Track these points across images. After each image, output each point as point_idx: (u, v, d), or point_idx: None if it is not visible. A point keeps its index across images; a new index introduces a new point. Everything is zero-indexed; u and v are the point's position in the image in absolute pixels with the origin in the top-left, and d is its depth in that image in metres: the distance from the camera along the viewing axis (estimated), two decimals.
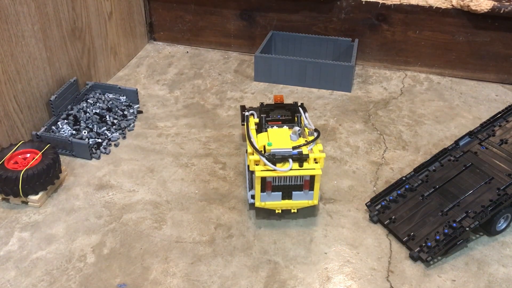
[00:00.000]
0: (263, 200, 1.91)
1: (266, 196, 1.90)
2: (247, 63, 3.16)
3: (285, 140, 1.91)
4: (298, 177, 1.87)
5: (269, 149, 1.86)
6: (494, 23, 2.77)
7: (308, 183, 1.88)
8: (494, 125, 2.18)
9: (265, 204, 1.92)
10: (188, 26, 3.30)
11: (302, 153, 1.85)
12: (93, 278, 1.75)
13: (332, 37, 3.03)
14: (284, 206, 1.94)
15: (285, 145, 1.87)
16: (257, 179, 1.84)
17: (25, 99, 2.29)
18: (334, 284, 1.74)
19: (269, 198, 1.91)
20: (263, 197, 1.90)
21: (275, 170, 1.82)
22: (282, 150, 1.85)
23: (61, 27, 2.47)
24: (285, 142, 1.90)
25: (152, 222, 1.98)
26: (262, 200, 1.91)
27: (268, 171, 1.83)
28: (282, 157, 1.84)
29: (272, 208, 1.94)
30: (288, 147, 1.86)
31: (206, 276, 1.76)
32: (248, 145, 1.92)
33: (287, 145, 1.88)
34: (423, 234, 1.86)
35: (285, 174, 1.83)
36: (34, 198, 2.03)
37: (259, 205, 1.92)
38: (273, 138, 1.92)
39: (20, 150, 2.12)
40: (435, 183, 2.01)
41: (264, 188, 1.87)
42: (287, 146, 1.87)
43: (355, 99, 2.78)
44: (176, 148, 2.40)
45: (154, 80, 2.97)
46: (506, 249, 1.87)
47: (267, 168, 1.83)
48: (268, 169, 1.83)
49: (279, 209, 1.95)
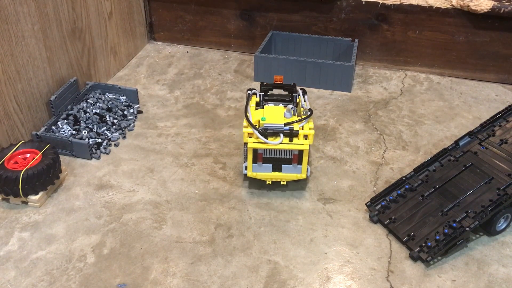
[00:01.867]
0: (255, 170, 2.07)
1: (257, 167, 2.06)
2: (247, 63, 3.16)
3: (279, 116, 2.05)
4: (287, 151, 2.02)
5: (262, 123, 2.00)
6: (494, 23, 2.77)
7: (297, 157, 2.03)
8: (494, 125, 2.18)
9: (256, 175, 2.08)
10: (188, 26, 3.30)
11: (293, 129, 1.99)
12: (93, 278, 1.75)
13: (332, 37, 3.03)
14: (274, 178, 2.09)
15: (278, 121, 2.02)
16: (249, 150, 2.01)
17: (25, 99, 2.29)
18: (334, 284, 1.74)
19: (260, 169, 2.07)
20: (254, 167, 2.06)
21: (266, 143, 1.98)
22: (274, 125, 2.00)
23: (61, 27, 2.47)
24: (279, 118, 2.04)
25: (152, 222, 1.98)
26: (253, 171, 2.07)
27: (259, 143, 1.99)
28: (274, 131, 1.99)
29: (262, 178, 2.09)
30: (280, 123, 2.01)
31: (206, 276, 1.76)
32: (244, 120, 2.04)
33: (280, 121, 2.02)
34: (423, 234, 1.86)
35: (274, 147, 1.98)
36: (34, 198, 2.03)
37: (250, 175, 2.07)
38: (268, 114, 2.06)
39: (20, 150, 2.12)
40: (435, 183, 2.01)
41: (256, 159, 2.03)
42: (280, 122, 2.01)
43: (355, 99, 2.78)
44: (176, 148, 2.40)
45: (154, 80, 2.97)
46: (506, 249, 1.87)
47: (259, 140, 1.98)
48: (260, 142, 1.98)
49: (269, 180, 2.10)
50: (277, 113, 2.07)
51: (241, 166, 2.27)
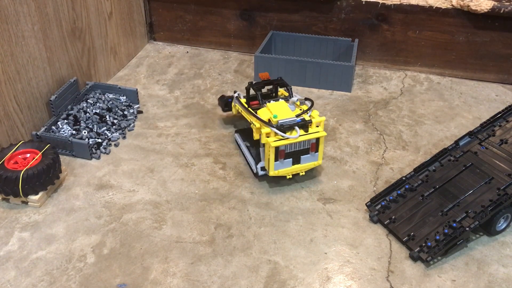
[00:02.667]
0: (277, 168, 2.06)
1: (279, 164, 2.06)
2: (247, 63, 3.16)
3: (286, 111, 2.08)
4: (306, 141, 2.05)
5: (275, 120, 2.01)
6: (494, 23, 2.77)
7: (315, 145, 2.08)
8: (494, 125, 2.18)
9: (278, 172, 2.07)
10: (188, 26, 3.30)
11: (305, 119, 2.04)
12: (93, 278, 1.75)
13: (332, 37, 3.03)
14: (294, 171, 2.11)
15: (288, 115, 2.04)
16: (271, 150, 1.99)
17: (25, 99, 2.29)
18: (334, 284, 1.74)
19: (282, 166, 2.07)
20: (276, 165, 2.06)
21: (288, 138, 1.99)
22: (288, 119, 2.03)
23: (61, 27, 2.47)
24: (287, 112, 2.07)
25: (152, 222, 1.98)
26: (276, 169, 2.06)
27: (281, 141, 1.99)
28: (289, 126, 2.01)
29: (284, 174, 2.10)
30: (292, 116, 2.04)
31: (206, 276, 1.76)
32: (254, 121, 2.07)
33: (290, 114, 2.05)
34: (423, 234, 1.86)
35: (296, 140, 2.00)
36: (34, 198, 2.03)
37: (273, 173, 2.07)
38: (275, 110, 2.07)
39: (20, 150, 2.12)
40: (435, 183, 2.01)
41: (278, 157, 2.03)
42: (291, 115, 2.04)
43: (355, 99, 2.78)
44: (176, 148, 2.40)
45: (154, 80, 2.97)
46: (506, 249, 1.87)
47: (278, 138, 1.99)
48: (280, 139, 1.99)
49: (290, 174, 2.12)
50: (283, 108, 2.10)
51: (241, 166, 2.27)
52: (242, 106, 2.25)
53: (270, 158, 2.02)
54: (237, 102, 2.30)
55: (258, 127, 2.04)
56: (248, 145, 2.28)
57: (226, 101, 2.47)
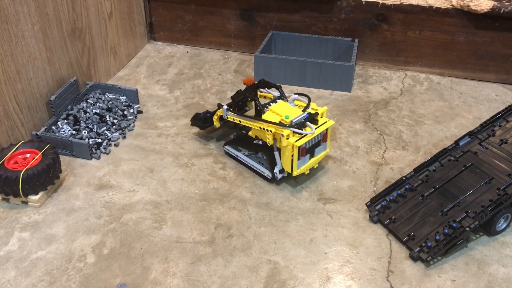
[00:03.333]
0: (299, 167, 2.07)
1: (300, 162, 2.07)
2: (247, 63, 3.16)
3: (291, 109, 2.08)
4: (319, 134, 2.07)
5: (288, 121, 2.01)
6: (494, 23, 2.77)
7: (326, 136, 2.12)
8: (494, 125, 2.18)
9: (300, 171, 2.08)
10: (188, 26, 3.29)
11: (312, 113, 2.06)
12: (93, 278, 1.75)
13: (332, 37, 3.03)
14: (310, 165, 2.13)
15: (297, 113, 2.05)
16: (295, 150, 2.00)
17: (25, 99, 2.29)
18: (334, 284, 1.74)
19: (303, 163, 2.08)
20: (299, 164, 2.06)
21: (306, 135, 2.00)
22: (299, 117, 2.03)
23: (61, 27, 2.47)
24: (294, 110, 2.07)
25: (152, 222, 1.98)
26: (298, 168, 2.07)
27: (301, 139, 2.00)
28: (302, 123, 2.03)
29: (303, 171, 2.11)
30: (300, 114, 2.05)
31: (206, 276, 1.76)
32: (267, 127, 2.03)
33: (298, 112, 2.06)
34: (423, 234, 1.86)
35: (314, 135, 2.02)
36: (34, 198, 2.03)
37: (297, 173, 2.07)
38: (282, 112, 2.06)
39: (20, 150, 2.12)
40: (435, 183, 2.01)
41: (300, 155, 2.03)
42: (299, 112, 2.05)
43: (355, 99, 2.78)
44: (176, 148, 2.40)
45: (154, 80, 2.97)
46: (506, 249, 1.87)
47: (297, 137, 1.99)
48: (300, 137, 2.00)
49: (307, 170, 2.13)
50: (287, 108, 2.09)
51: (241, 166, 2.27)
52: (241, 116, 2.19)
53: (294, 158, 2.02)
54: (231, 113, 2.24)
55: (274, 131, 2.01)
56: (247, 154, 2.26)
57: (205, 117, 2.39)
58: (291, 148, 2.00)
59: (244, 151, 2.28)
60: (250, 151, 2.27)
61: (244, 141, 2.31)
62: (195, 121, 2.43)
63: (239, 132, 2.37)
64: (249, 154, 2.26)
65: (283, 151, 2.05)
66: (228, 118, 2.26)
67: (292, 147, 1.99)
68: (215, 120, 2.37)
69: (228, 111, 2.24)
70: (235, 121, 2.22)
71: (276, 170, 2.11)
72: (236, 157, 2.29)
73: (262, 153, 2.24)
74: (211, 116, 2.39)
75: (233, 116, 2.23)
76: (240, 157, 2.27)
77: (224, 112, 2.26)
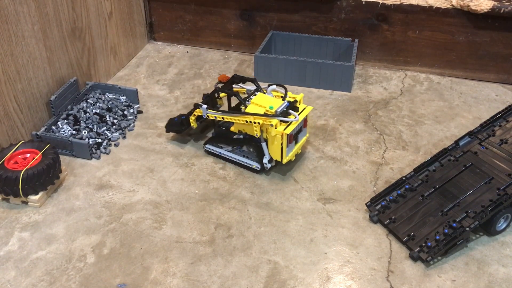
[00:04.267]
0: (288, 153, 2.14)
1: (289, 149, 2.14)
2: (247, 63, 3.16)
3: (271, 100, 2.16)
4: (302, 120, 2.16)
5: (273, 111, 2.08)
6: (494, 23, 2.77)
7: (306, 121, 2.22)
8: (494, 125, 2.18)
9: (289, 157, 2.15)
10: (188, 26, 3.29)
11: (291, 101, 2.16)
12: (93, 278, 1.75)
13: (332, 37, 3.03)
14: (296, 151, 2.20)
15: (278, 103, 2.13)
16: (284, 137, 2.06)
17: (25, 99, 2.29)
18: (334, 284, 1.74)
19: (290, 150, 2.15)
20: (287, 151, 2.13)
21: (292, 122, 2.08)
22: (281, 106, 2.11)
23: (61, 27, 2.47)
24: (275, 101, 2.15)
25: (152, 222, 1.98)
26: (287, 154, 2.14)
27: (289, 127, 2.07)
28: (285, 111, 2.10)
29: (291, 158, 2.18)
30: (281, 103, 2.13)
31: (206, 276, 1.76)
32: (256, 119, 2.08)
33: (279, 101, 2.14)
34: (423, 234, 1.86)
35: (299, 121, 2.10)
36: (34, 198, 2.03)
37: (287, 160, 2.14)
38: (264, 103, 2.13)
39: (20, 150, 2.12)
40: (435, 183, 2.01)
41: (288, 142, 2.10)
42: (280, 102, 2.14)
43: (355, 99, 2.78)
44: (176, 148, 2.40)
45: (154, 80, 2.97)
46: (506, 249, 1.87)
47: (283, 126, 2.06)
48: (286, 126, 2.06)
49: (293, 156, 2.19)
50: (268, 99, 2.17)
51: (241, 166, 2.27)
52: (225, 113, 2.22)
53: (284, 146, 2.09)
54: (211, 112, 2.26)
55: (262, 122, 2.07)
56: (231, 150, 2.28)
57: (181, 120, 2.36)
58: (280, 136, 2.06)
59: (226, 147, 2.29)
60: (233, 146, 2.28)
61: (224, 138, 2.31)
62: (171, 127, 2.40)
63: (218, 129, 2.35)
64: (232, 150, 2.28)
65: (272, 141, 2.10)
66: (209, 117, 2.28)
67: (282, 136, 2.06)
68: (192, 121, 2.36)
69: (208, 109, 2.26)
70: (217, 118, 2.24)
71: (265, 161, 2.15)
72: (220, 154, 2.30)
73: (247, 147, 2.26)
74: (186, 118, 2.37)
75: (215, 114, 2.25)
76: (224, 154, 2.29)
77: (204, 111, 2.27)
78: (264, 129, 2.11)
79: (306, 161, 2.30)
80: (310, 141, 2.43)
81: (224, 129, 2.31)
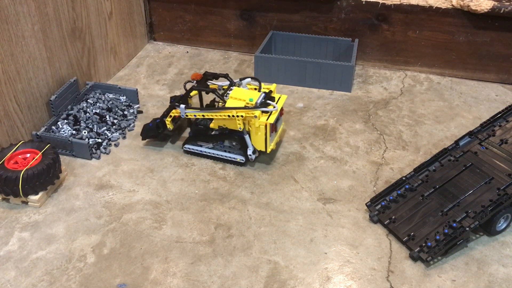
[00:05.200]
0: (271, 142, 2.21)
1: (271, 138, 2.21)
2: (247, 63, 3.16)
3: (248, 93, 2.20)
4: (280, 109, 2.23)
5: (253, 103, 2.13)
6: (494, 23, 2.77)
7: (283, 110, 2.31)
8: (494, 125, 2.18)
9: (271, 146, 2.22)
10: (188, 26, 3.29)
11: (266, 92, 2.23)
12: (93, 278, 1.75)
13: (332, 37, 3.03)
14: (276, 140, 2.28)
15: (256, 94, 2.18)
16: (268, 127, 2.13)
17: (25, 99, 2.29)
18: (334, 284, 1.74)
19: (272, 139, 2.22)
20: (271, 140, 2.20)
21: (273, 111, 2.14)
22: (259, 97, 2.16)
23: (61, 27, 2.47)
24: (252, 93, 2.20)
25: (152, 222, 1.98)
26: (270, 142, 2.20)
27: (271, 116, 2.13)
28: (264, 102, 2.17)
29: (272, 147, 2.24)
30: (259, 94, 2.18)
31: (206, 276, 1.76)
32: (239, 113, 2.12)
33: (256, 93, 2.19)
34: (423, 234, 1.86)
35: (278, 110, 2.16)
36: (34, 198, 2.03)
37: (270, 148, 2.21)
38: (243, 96, 2.17)
39: (20, 150, 2.12)
40: (435, 183, 2.01)
41: (271, 131, 2.16)
42: (257, 94, 2.19)
43: (355, 99, 2.78)
44: (176, 148, 2.40)
45: (154, 80, 2.97)
46: (506, 249, 1.87)
47: (265, 116, 2.12)
48: (267, 116, 2.12)
49: (274, 145, 2.26)
50: (245, 92, 2.21)
51: (241, 166, 2.27)
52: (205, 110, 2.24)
53: (267, 135, 2.15)
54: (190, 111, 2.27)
55: (245, 115, 2.11)
56: (211, 146, 2.29)
57: (156, 124, 2.33)
58: (264, 127, 2.12)
59: (207, 145, 2.30)
60: (214, 142, 2.29)
61: (202, 136, 2.31)
62: (147, 133, 2.37)
63: (196, 128, 2.34)
64: (213, 146, 2.29)
65: (256, 132, 2.16)
66: (188, 116, 2.29)
67: (265, 126, 2.12)
68: (168, 123, 2.34)
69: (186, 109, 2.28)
70: (197, 116, 2.27)
71: (250, 152, 2.20)
72: (201, 152, 2.31)
73: (229, 141, 2.27)
74: (161, 120, 2.35)
75: (195, 112, 2.27)
76: (205, 152, 2.30)
77: (182, 111, 2.28)
78: (246, 121, 2.16)
79: (306, 161, 2.30)
80: (310, 141, 2.43)
81: (202, 127, 2.31)
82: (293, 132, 2.50)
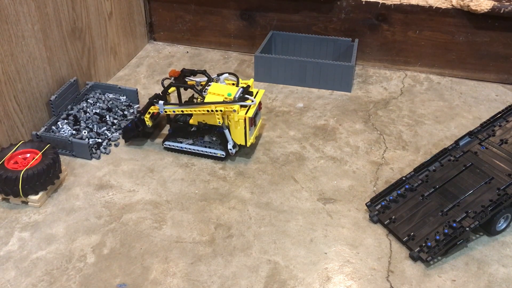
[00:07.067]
0: (251, 135, 2.24)
1: (251, 132, 2.24)
2: (247, 63, 3.16)
3: (227, 88, 2.23)
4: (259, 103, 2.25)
5: (231, 98, 2.15)
6: (494, 23, 2.77)
7: (261, 104, 2.32)
8: (494, 125, 2.18)
9: (251, 140, 2.25)
10: (188, 26, 3.29)
11: (244, 86, 2.26)
12: (93, 278, 1.75)
13: (332, 37, 3.03)
14: (255, 134, 2.31)
15: (234, 89, 2.20)
16: (247, 121, 2.16)
17: (25, 99, 2.29)
18: (334, 284, 1.74)
19: (251, 133, 2.25)
20: (250, 133, 2.23)
21: (251, 105, 2.17)
22: (238, 92, 2.18)
23: (61, 27, 2.47)
24: (230, 88, 2.22)
25: (152, 222, 1.98)
26: (250, 136, 2.24)
27: (249, 110, 2.16)
28: (242, 96, 2.19)
29: (252, 141, 2.26)
30: (236, 89, 2.20)
31: (206, 276, 1.76)
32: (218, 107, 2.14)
33: (234, 88, 2.22)
34: (423, 234, 1.86)
35: (256, 104, 2.19)
36: (34, 198, 2.03)
37: (251, 142, 2.24)
38: (221, 92, 2.19)
39: (20, 150, 2.12)
40: (435, 183, 2.01)
41: (250, 125, 2.19)
42: (235, 89, 2.21)
43: (355, 99, 2.78)
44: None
45: (154, 80, 2.97)
46: (506, 249, 1.87)
47: (244, 110, 2.15)
48: (246, 110, 2.15)
49: (254, 139, 2.29)
50: (223, 87, 2.24)
51: (241, 166, 2.27)
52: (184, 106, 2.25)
53: (247, 129, 2.18)
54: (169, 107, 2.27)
55: (224, 110, 2.13)
56: (191, 142, 2.31)
57: (134, 123, 2.33)
58: (243, 121, 2.15)
59: (187, 141, 2.31)
60: (194, 138, 2.30)
61: (182, 132, 2.31)
62: (127, 134, 2.37)
63: (175, 124, 2.34)
64: (194, 142, 2.30)
65: (235, 126, 2.19)
66: (167, 112, 2.30)
67: (245, 120, 2.15)
68: (147, 119, 2.34)
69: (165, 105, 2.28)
70: (176, 112, 2.27)
71: (230, 146, 2.23)
72: (181, 149, 2.33)
73: (209, 136, 2.28)
74: (139, 119, 2.34)
75: (174, 108, 2.27)
76: (186, 148, 2.32)
77: (161, 107, 2.29)
78: (225, 116, 2.18)
79: (306, 161, 2.30)
80: (310, 141, 2.43)
81: (182, 123, 2.31)
82: (293, 132, 2.50)
